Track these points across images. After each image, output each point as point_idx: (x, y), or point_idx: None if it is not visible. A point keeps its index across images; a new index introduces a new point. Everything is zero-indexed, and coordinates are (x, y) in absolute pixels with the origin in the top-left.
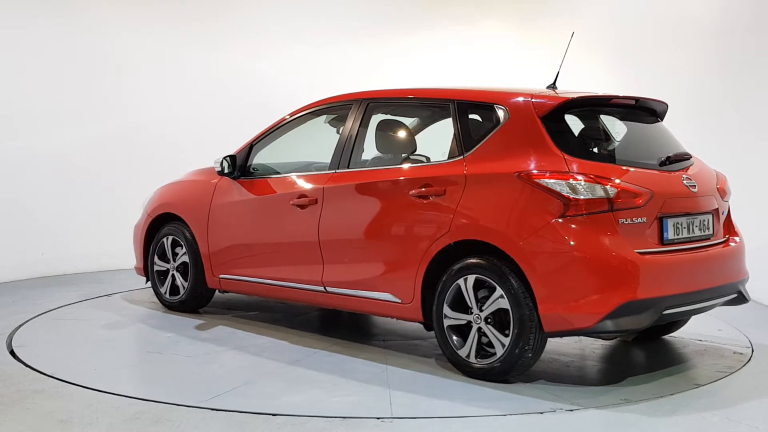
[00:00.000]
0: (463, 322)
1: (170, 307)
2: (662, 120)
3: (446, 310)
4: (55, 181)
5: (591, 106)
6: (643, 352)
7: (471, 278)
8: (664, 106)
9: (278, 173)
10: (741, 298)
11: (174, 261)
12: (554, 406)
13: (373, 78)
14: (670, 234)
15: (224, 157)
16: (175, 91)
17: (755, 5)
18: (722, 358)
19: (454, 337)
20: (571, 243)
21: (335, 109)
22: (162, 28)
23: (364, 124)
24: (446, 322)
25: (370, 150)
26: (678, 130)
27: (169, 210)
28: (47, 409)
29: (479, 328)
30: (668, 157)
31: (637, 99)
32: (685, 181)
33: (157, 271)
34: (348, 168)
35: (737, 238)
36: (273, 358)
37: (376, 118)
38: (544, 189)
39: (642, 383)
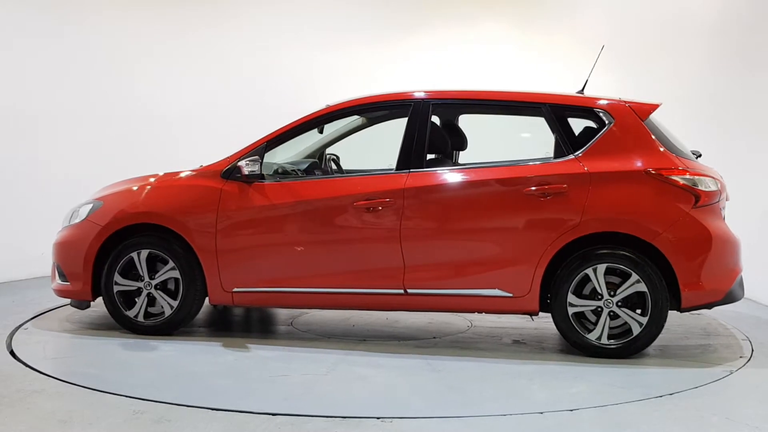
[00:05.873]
0: (592, 307)
1: (143, 331)
2: None
3: (571, 298)
4: (55, 180)
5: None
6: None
7: (601, 267)
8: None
9: (317, 175)
10: None
11: (152, 278)
12: (554, 406)
13: (373, 79)
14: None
15: (246, 159)
16: (176, 93)
17: (755, 5)
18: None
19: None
20: (706, 229)
21: (384, 108)
22: (162, 29)
23: (431, 124)
24: (571, 310)
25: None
26: (678, 129)
27: (147, 220)
28: (47, 409)
29: (610, 312)
30: (699, 154)
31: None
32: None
33: (118, 291)
34: (422, 168)
35: None
36: (408, 365)
37: (444, 119)
38: (675, 184)
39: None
